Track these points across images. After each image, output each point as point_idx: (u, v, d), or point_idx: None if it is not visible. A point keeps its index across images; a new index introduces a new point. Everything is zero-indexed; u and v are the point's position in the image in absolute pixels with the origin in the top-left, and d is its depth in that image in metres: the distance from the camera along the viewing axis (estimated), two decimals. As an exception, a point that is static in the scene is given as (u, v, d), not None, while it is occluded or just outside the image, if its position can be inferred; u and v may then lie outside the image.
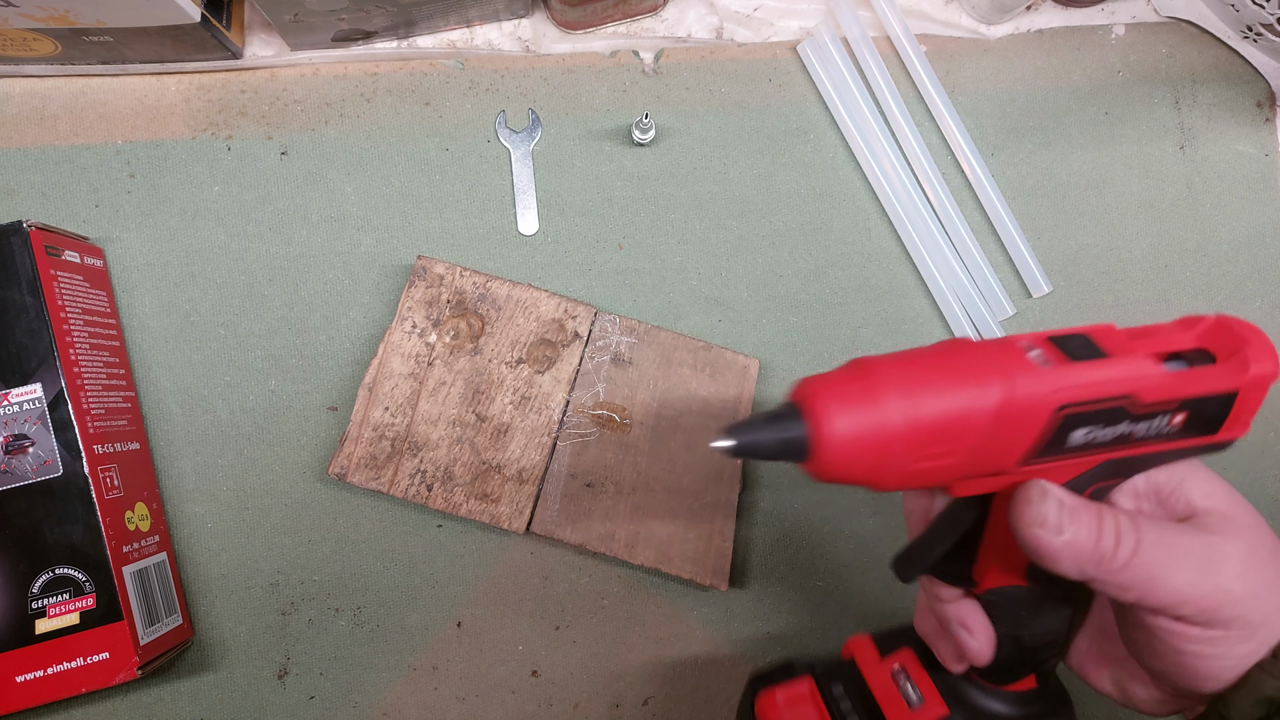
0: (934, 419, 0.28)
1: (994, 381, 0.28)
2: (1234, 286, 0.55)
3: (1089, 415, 0.29)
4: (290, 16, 0.47)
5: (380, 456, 0.48)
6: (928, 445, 0.28)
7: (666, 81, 0.54)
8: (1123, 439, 0.30)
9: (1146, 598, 0.29)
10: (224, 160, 0.51)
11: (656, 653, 0.51)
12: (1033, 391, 0.28)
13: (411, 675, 0.50)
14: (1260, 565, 0.30)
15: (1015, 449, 0.29)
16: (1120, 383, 0.29)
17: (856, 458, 0.28)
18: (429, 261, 0.49)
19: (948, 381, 0.28)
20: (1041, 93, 0.55)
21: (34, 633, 0.43)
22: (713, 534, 0.49)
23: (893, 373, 0.28)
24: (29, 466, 0.43)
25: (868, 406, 0.27)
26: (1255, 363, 0.29)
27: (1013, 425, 0.28)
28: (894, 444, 0.28)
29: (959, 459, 0.28)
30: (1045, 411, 0.28)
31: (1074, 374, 0.28)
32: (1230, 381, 0.29)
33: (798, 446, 0.28)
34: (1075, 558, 0.29)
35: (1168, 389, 0.29)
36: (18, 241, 0.44)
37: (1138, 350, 0.29)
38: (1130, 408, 0.29)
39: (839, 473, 0.28)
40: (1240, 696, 0.30)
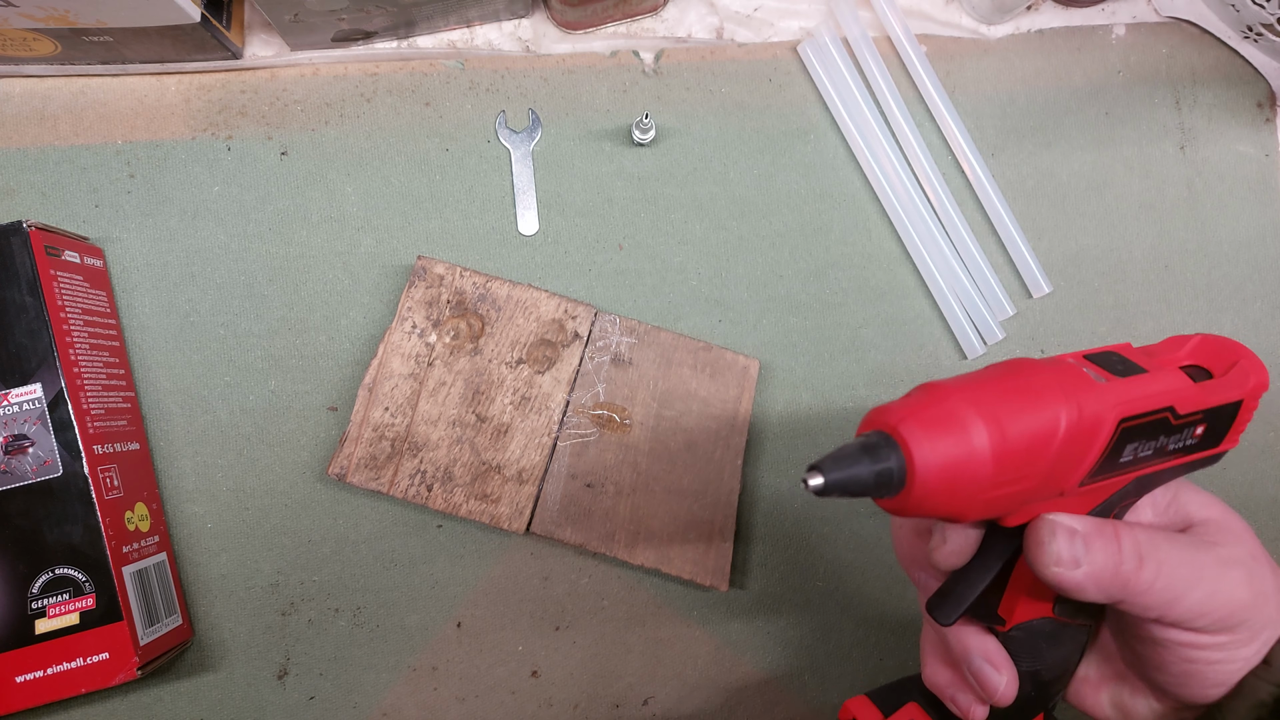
0: (1018, 441, 0.27)
1: (1064, 400, 0.27)
2: (1234, 287, 0.55)
3: (1140, 429, 0.29)
4: (290, 16, 0.47)
5: (380, 457, 0.48)
6: (1012, 469, 0.27)
7: (667, 82, 0.54)
8: (1158, 452, 0.30)
9: (1167, 614, 0.30)
10: (224, 160, 0.51)
11: (656, 653, 0.51)
12: (1099, 407, 0.28)
13: (411, 676, 0.50)
14: (1259, 569, 0.31)
15: (1080, 467, 0.29)
16: (1166, 395, 0.29)
17: (950, 487, 0.26)
18: (429, 262, 0.49)
19: (1025, 402, 0.27)
20: (1042, 93, 0.55)
21: (34, 633, 0.43)
22: (713, 534, 0.49)
23: (970, 396, 0.27)
24: (29, 467, 0.43)
25: (958, 432, 0.26)
26: (1253, 374, 0.31)
27: (1081, 442, 0.28)
28: (983, 470, 0.26)
29: (1035, 481, 0.28)
30: (1109, 426, 0.28)
31: (1131, 388, 0.29)
32: (1238, 391, 0.31)
33: (894, 479, 0.26)
34: (1099, 585, 0.29)
35: (1198, 400, 0.30)
36: (17, 241, 0.44)
37: (1165, 365, 0.31)
38: (1171, 419, 0.30)
39: (932, 504, 0.27)
40: (1236, 704, 0.31)
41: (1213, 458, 0.33)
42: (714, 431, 0.50)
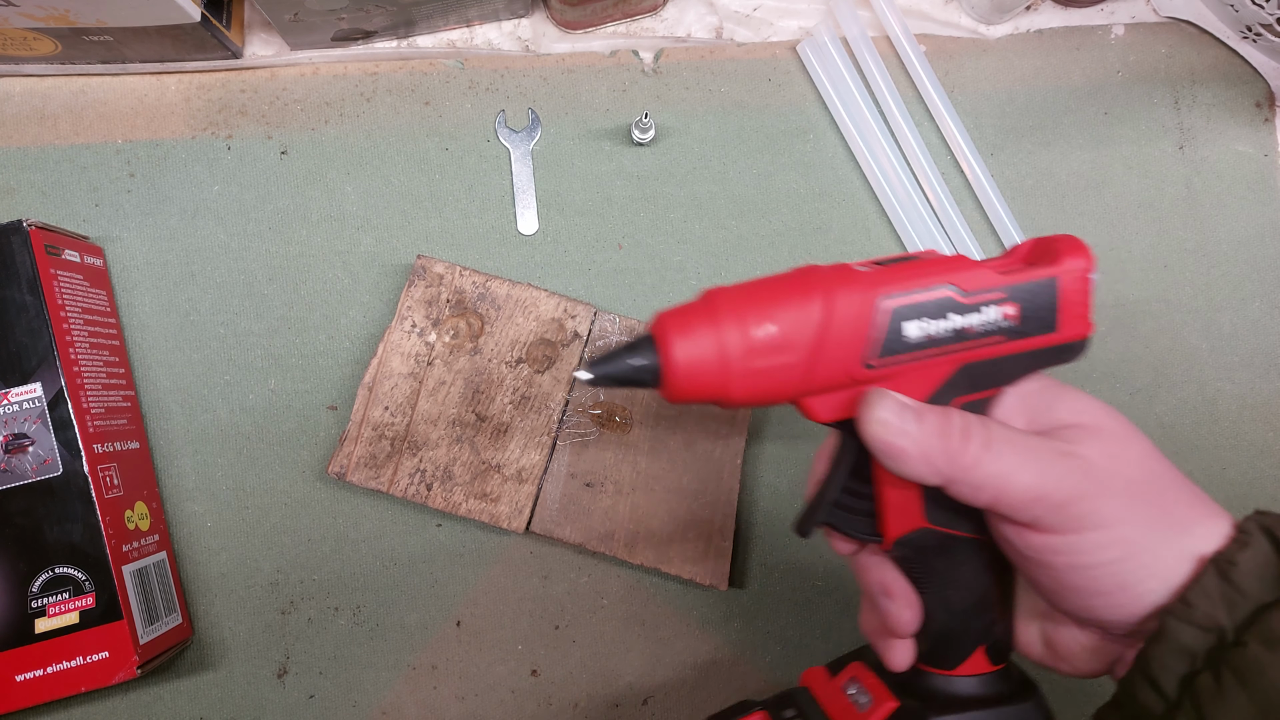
0: (767, 329, 0.30)
1: (815, 289, 0.30)
2: (1233, 286, 0.55)
3: (916, 307, 0.31)
4: (290, 16, 0.47)
5: (380, 456, 0.48)
6: (765, 355, 0.30)
7: (666, 81, 0.54)
8: (961, 335, 0.31)
9: (1001, 498, 0.29)
10: (224, 160, 0.51)
11: (656, 652, 0.51)
12: (853, 289, 0.30)
13: (411, 674, 0.50)
14: (1117, 468, 0.30)
15: (852, 349, 0.31)
16: (937, 275, 0.31)
17: (701, 378, 0.30)
18: (429, 261, 0.49)
19: (781, 295, 0.31)
20: (1041, 93, 0.55)
21: (34, 632, 0.43)
22: (712, 534, 0.49)
23: (734, 296, 0.31)
24: (29, 465, 0.43)
25: (709, 331, 0.30)
26: (1066, 256, 0.31)
27: (842, 324, 0.30)
28: (733, 360, 0.30)
29: (799, 368, 0.31)
30: (868, 305, 0.30)
31: (894, 270, 0.31)
32: (1045, 270, 0.31)
33: (651, 374, 0.31)
34: (925, 455, 0.30)
35: (987, 278, 0.31)
36: (18, 241, 0.44)
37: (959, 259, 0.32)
38: (957, 297, 0.31)
39: (688, 394, 0.31)
40: (1160, 650, 0.29)
41: (1064, 347, 0.32)
42: (713, 431, 0.50)
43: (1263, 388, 0.55)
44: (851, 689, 0.37)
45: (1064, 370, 0.43)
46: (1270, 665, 0.27)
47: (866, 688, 0.37)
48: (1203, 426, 0.54)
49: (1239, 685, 0.27)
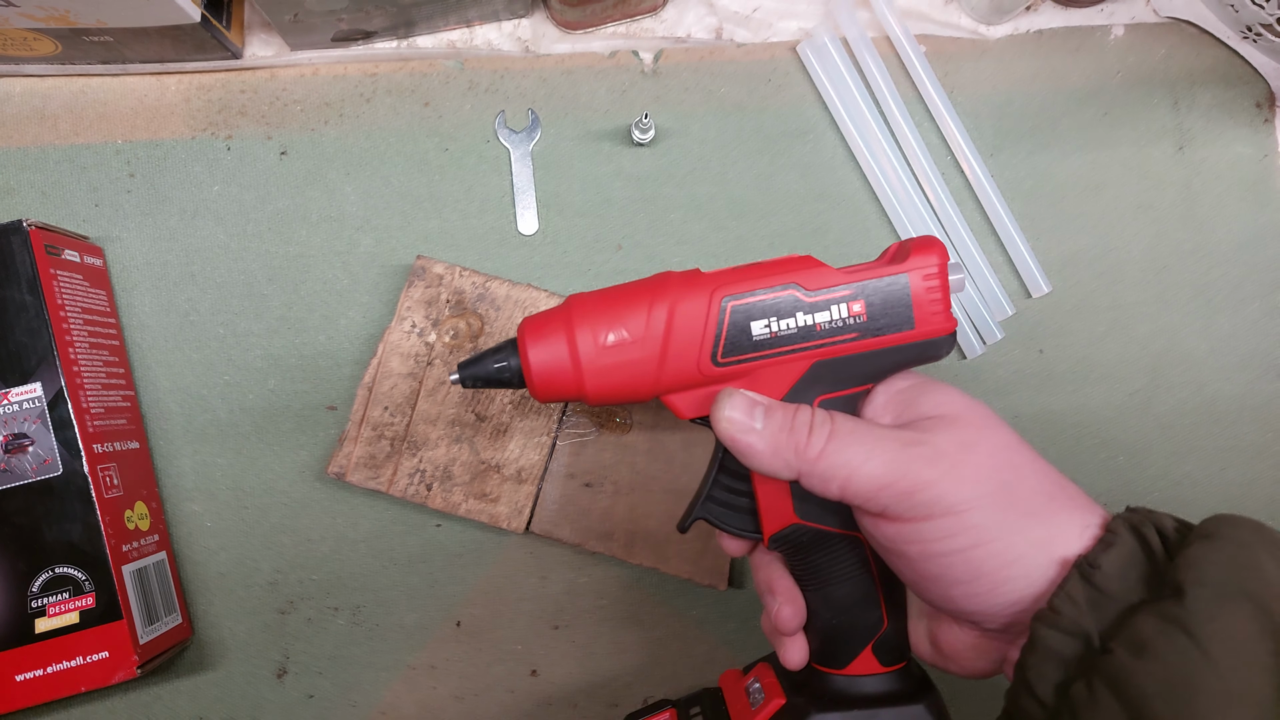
0: (616, 333, 0.33)
1: (662, 295, 0.33)
2: (1232, 288, 0.55)
3: (759, 306, 0.32)
4: (290, 17, 0.47)
5: (379, 456, 0.48)
6: (616, 356, 0.33)
7: (665, 82, 0.54)
8: (810, 332, 0.33)
9: (848, 488, 0.30)
10: (223, 160, 0.51)
11: (654, 652, 0.51)
12: (696, 291, 0.33)
13: (410, 674, 0.50)
14: (968, 456, 0.30)
15: (700, 348, 0.33)
16: (779, 275, 0.33)
17: (558, 381, 0.33)
18: (428, 261, 0.49)
19: (631, 300, 0.33)
20: (1040, 94, 0.55)
21: (33, 632, 0.43)
22: (710, 534, 0.49)
23: (589, 303, 0.34)
24: (28, 465, 0.43)
25: (563, 335, 0.33)
26: (916, 254, 0.33)
27: (686, 325, 0.33)
28: (587, 362, 0.33)
29: (650, 368, 0.33)
30: (712, 305, 0.32)
31: (736, 272, 0.33)
32: (894, 269, 0.33)
33: (514, 375, 0.34)
34: (773, 449, 0.31)
35: (833, 278, 0.33)
36: (17, 240, 0.44)
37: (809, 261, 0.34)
38: (801, 295, 0.33)
39: (549, 394, 0.34)
40: (1033, 658, 0.29)
41: (927, 343, 0.33)
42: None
43: (1261, 389, 0.55)
44: (753, 687, 0.39)
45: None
46: (1137, 673, 0.26)
47: (764, 686, 0.38)
48: (1201, 428, 0.54)
49: (1110, 694, 0.27)
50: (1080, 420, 0.54)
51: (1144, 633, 0.27)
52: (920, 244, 0.33)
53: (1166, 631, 0.27)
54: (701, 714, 0.41)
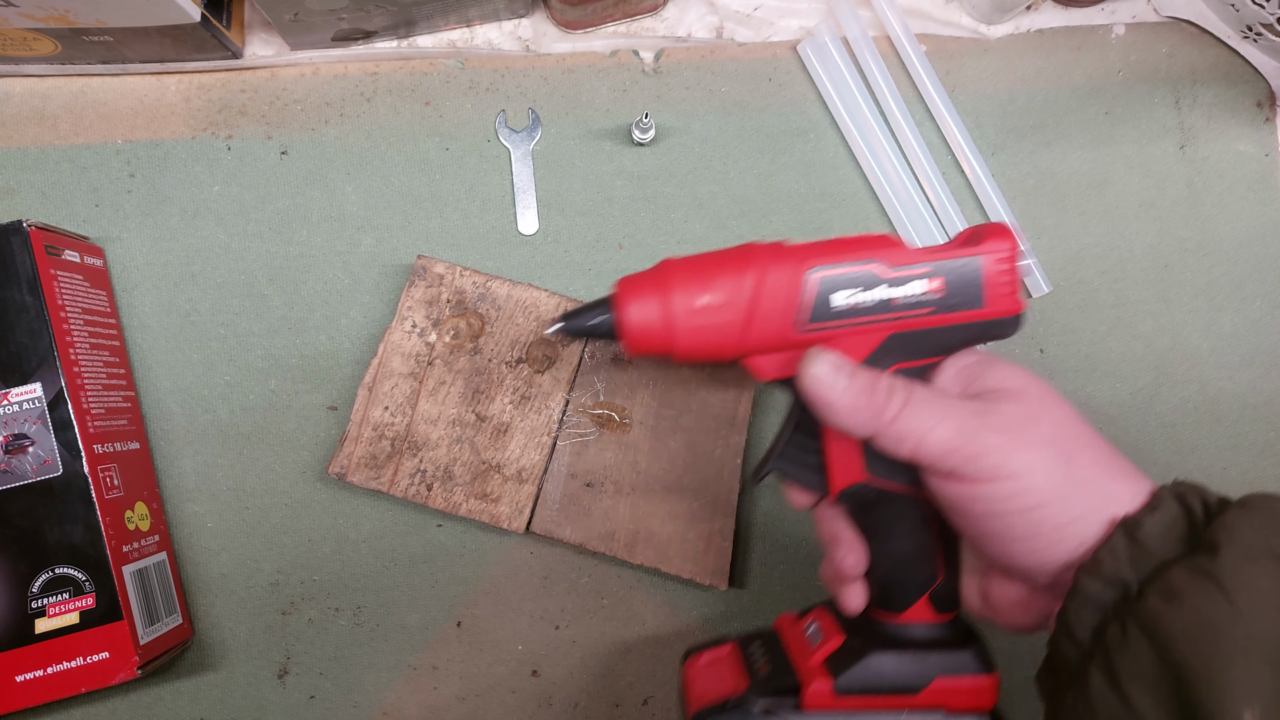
0: (707, 297, 0.35)
1: (751, 265, 0.35)
2: (1234, 286, 0.55)
3: (843, 279, 0.35)
4: (290, 16, 0.47)
5: (380, 456, 0.48)
6: (705, 318, 0.35)
7: (666, 81, 0.54)
8: (888, 305, 0.35)
9: (920, 450, 0.33)
10: (224, 160, 0.51)
11: (656, 652, 0.51)
12: (784, 264, 0.35)
13: (411, 675, 0.50)
14: (1032, 426, 0.33)
15: (784, 315, 0.35)
16: (862, 251, 0.35)
17: (650, 337, 0.36)
18: (429, 261, 0.49)
19: (722, 267, 0.36)
20: (1042, 92, 0.55)
21: (34, 632, 0.43)
22: (712, 534, 0.49)
23: (683, 267, 0.36)
24: (29, 466, 0.43)
25: (657, 298, 0.36)
26: (990, 239, 0.35)
27: (772, 291, 0.35)
28: (677, 322, 0.35)
29: (736, 330, 0.35)
30: (797, 276, 0.35)
31: (822, 246, 0.36)
32: (968, 250, 0.35)
33: (609, 330, 0.37)
34: (853, 408, 0.34)
35: (911, 255, 0.35)
36: (18, 241, 0.44)
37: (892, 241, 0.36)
38: (880, 272, 0.35)
39: (640, 349, 0.36)
40: (1074, 604, 0.32)
41: (994, 323, 0.35)
42: (714, 430, 0.50)
43: (1264, 387, 0.55)
44: (811, 629, 0.41)
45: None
46: (1167, 616, 0.29)
47: (822, 628, 0.40)
48: (1204, 426, 0.54)
49: (1141, 634, 0.29)
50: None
51: (1176, 582, 0.29)
52: (993, 230, 0.35)
53: (1197, 581, 0.29)
54: (763, 649, 0.42)
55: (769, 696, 0.38)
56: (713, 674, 0.42)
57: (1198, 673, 0.28)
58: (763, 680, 0.39)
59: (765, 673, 0.40)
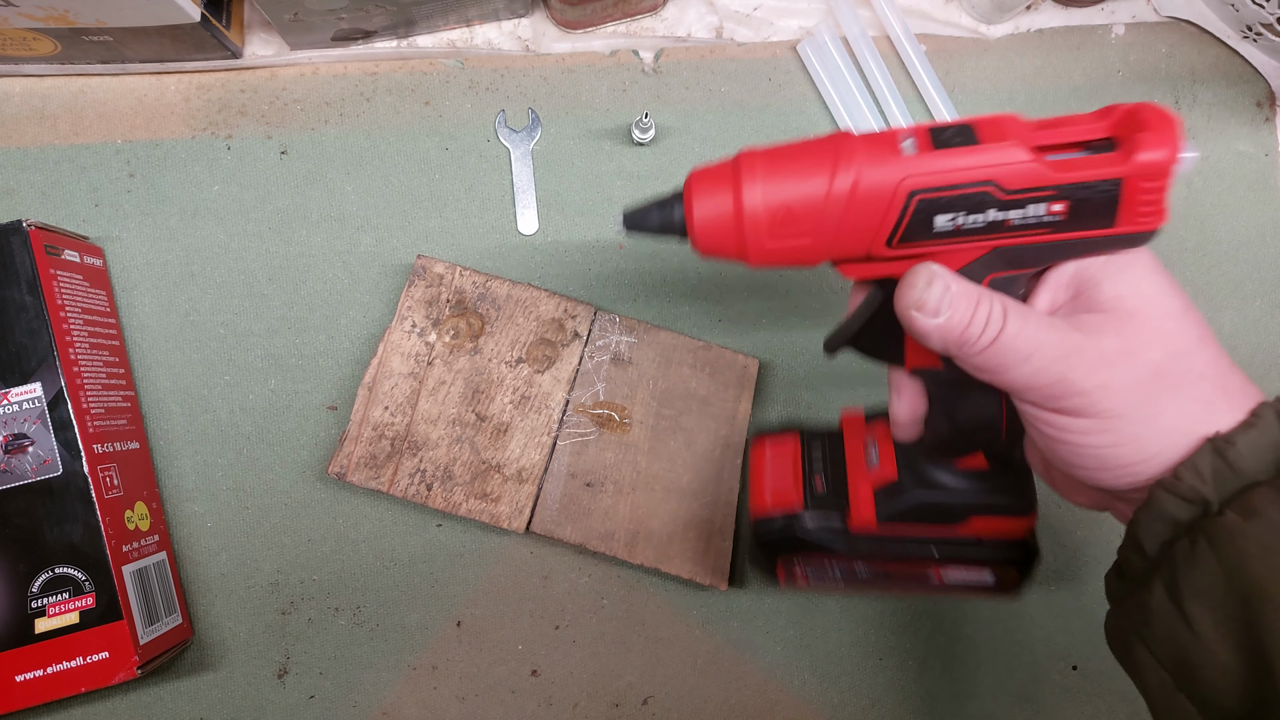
0: (785, 204, 0.31)
1: (843, 169, 0.30)
2: (1234, 286, 0.55)
3: (946, 201, 0.30)
4: (290, 16, 0.47)
5: (380, 456, 0.48)
6: (782, 227, 0.31)
7: (666, 81, 0.54)
8: (997, 226, 0.30)
9: (999, 379, 0.31)
10: (224, 160, 0.51)
11: (656, 652, 0.51)
12: (884, 177, 0.30)
13: (411, 674, 0.50)
14: (1131, 361, 0.30)
15: (875, 233, 0.31)
16: (976, 170, 0.29)
17: (721, 237, 0.32)
18: (429, 261, 0.49)
19: (806, 169, 0.30)
20: (1041, 92, 0.55)
21: (33, 632, 0.43)
22: (712, 534, 0.49)
23: (763, 162, 0.31)
24: (28, 466, 0.43)
25: (732, 193, 0.31)
26: (1144, 149, 0.29)
27: (864, 210, 0.30)
28: (752, 225, 0.31)
29: (815, 240, 0.31)
30: (896, 197, 0.30)
31: (924, 162, 0.30)
32: (1110, 169, 0.29)
33: (678, 227, 0.32)
34: (942, 338, 0.31)
35: (1033, 176, 0.29)
36: (17, 241, 0.44)
37: (1013, 138, 0.30)
38: (995, 194, 0.30)
39: (710, 249, 0.32)
40: (1147, 517, 0.30)
41: (1127, 237, 0.31)
42: (714, 430, 0.50)
43: (1264, 388, 0.54)
44: (871, 446, 0.42)
45: None
46: (1242, 533, 0.27)
47: (880, 454, 0.41)
48: (1203, 426, 0.54)
49: (1211, 550, 0.28)
50: (1082, 419, 0.54)
51: (1258, 501, 0.28)
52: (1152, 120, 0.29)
53: (1279, 502, 0.27)
54: (822, 450, 0.44)
55: (818, 517, 0.42)
56: (775, 472, 0.45)
57: (1268, 593, 0.26)
58: (818, 499, 0.43)
59: (821, 492, 0.43)
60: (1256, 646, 0.26)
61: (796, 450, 0.45)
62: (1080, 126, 0.30)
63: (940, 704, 0.51)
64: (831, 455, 0.44)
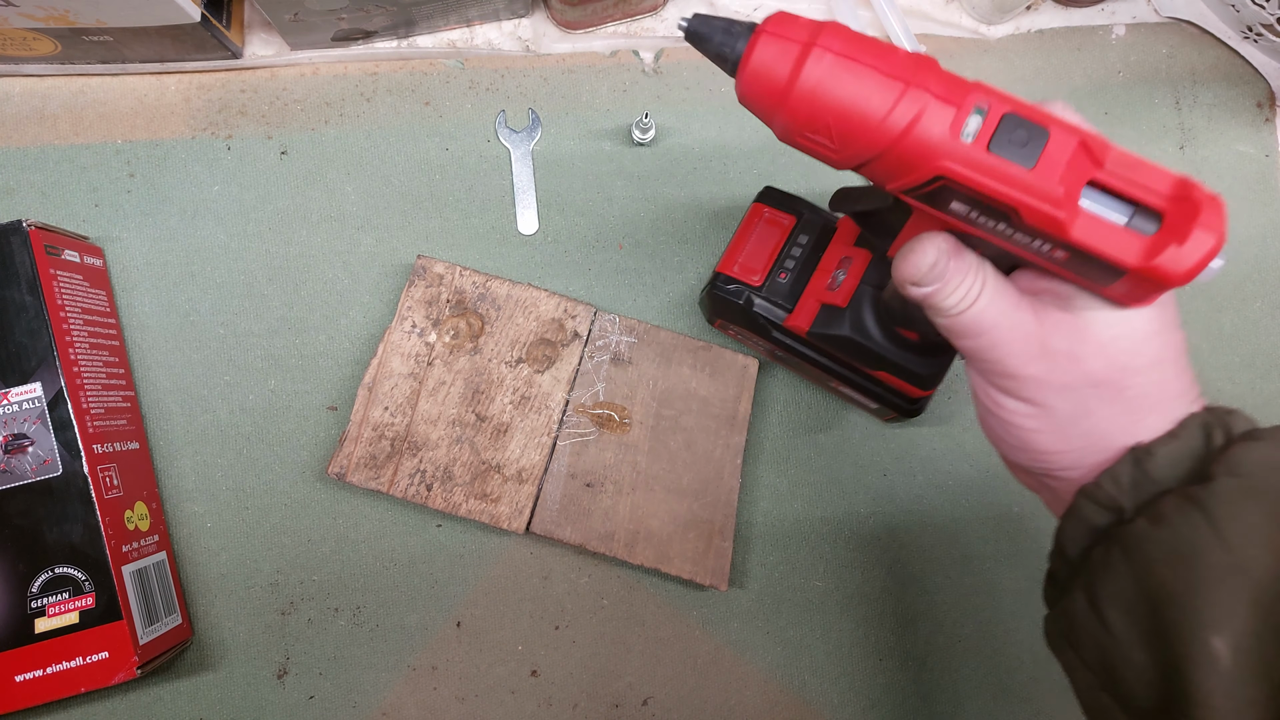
0: (828, 109, 0.29)
1: (900, 117, 0.28)
2: (1234, 286, 0.55)
3: (969, 198, 0.29)
4: (290, 16, 0.47)
5: (380, 456, 0.48)
6: (814, 123, 0.30)
7: (666, 81, 0.54)
8: (1003, 235, 0.30)
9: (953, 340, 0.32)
10: (224, 160, 0.51)
11: (656, 653, 0.51)
12: (922, 147, 0.29)
13: (411, 675, 0.50)
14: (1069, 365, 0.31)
15: (894, 178, 0.30)
16: (1008, 194, 0.28)
17: (762, 96, 0.30)
18: (429, 261, 0.49)
19: (869, 89, 0.29)
20: (1042, 93, 0.55)
21: (33, 632, 0.43)
22: (712, 534, 0.49)
23: (841, 48, 0.29)
24: (28, 466, 0.43)
25: (793, 61, 0.29)
26: (1169, 256, 0.27)
27: (893, 162, 0.30)
28: (791, 102, 0.29)
29: (838, 156, 0.31)
30: (925, 169, 0.29)
31: (970, 156, 0.29)
32: (1124, 256, 0.28)
33: (731, 57, 0.31)
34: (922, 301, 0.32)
35: (1055, 225, 0.28)
36: (17, 241, 0.44)
37: (1072, 172, 0.28)
38: (1014, 218, 0.29)
39: (747, 99, 0.31)
40: (1070, 524, 0.32)
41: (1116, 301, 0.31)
42: (714, 430, 0.50)
43: (1264, 388, 0.55)
44: (842, 270, 0.43)
45: None
46: (1150, 538, 0.29)
47: (846, 278, 0.43)
48: (1203, 427, 0.54)
49: (1123, 556, 0.29)
50: (1082, 420, 0.54)
51: (1165, 508, 0.29)
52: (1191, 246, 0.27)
53: (1184, 508, 0.29)
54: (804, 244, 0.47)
55: (766, 302, 0.47)
56: (755, 245, 0.48)
57: (1172, 595, 0.28)
58: (774, 287, 0.47)
59: (782, 281, 0.47)
60: (1164, 647, 0.28)
61: (784, 233, 0.48)
62: (1147, 182, 0.29)
63: (940, 704, 0.51)
64: (808, 255, 0.47)
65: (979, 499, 0.53)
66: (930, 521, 0.52)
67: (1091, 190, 0.29)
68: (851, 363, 0.45)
